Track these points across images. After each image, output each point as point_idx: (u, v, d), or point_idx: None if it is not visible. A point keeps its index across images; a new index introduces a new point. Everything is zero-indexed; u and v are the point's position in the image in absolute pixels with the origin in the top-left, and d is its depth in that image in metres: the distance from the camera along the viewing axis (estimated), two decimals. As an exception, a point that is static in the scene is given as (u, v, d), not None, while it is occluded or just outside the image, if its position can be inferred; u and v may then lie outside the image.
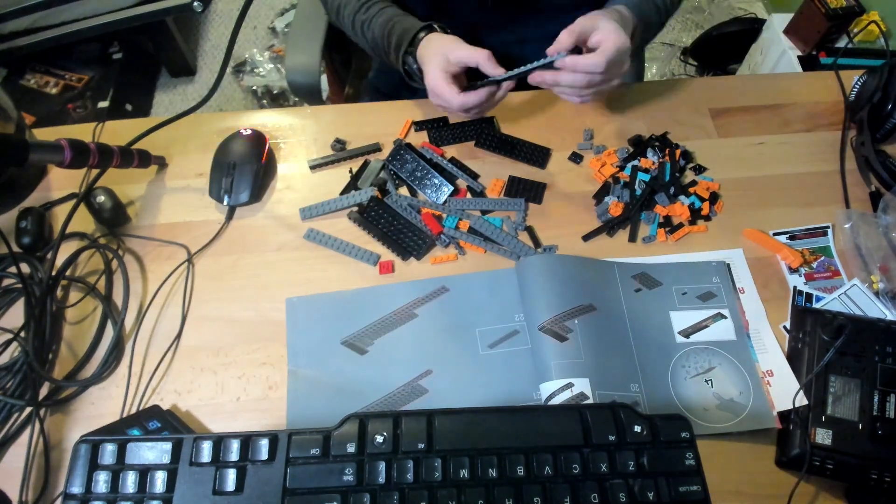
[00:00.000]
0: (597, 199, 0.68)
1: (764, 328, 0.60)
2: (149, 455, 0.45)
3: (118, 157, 0.62)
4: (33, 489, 0.52)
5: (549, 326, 0.57)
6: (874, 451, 0.51)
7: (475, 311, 0.60)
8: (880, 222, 0.64)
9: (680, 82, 0.78)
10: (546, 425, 0.46)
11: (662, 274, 0.62)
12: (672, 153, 0.70)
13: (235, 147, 0.69)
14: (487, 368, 0.57)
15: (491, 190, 0.69)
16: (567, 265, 0.60)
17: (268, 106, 1.87)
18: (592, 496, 0.44)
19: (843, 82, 0.78)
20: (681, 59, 1.94)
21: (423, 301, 0.61)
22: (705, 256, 0.64)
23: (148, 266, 0.64)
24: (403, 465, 0.44)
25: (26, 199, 0.69)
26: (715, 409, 0.55)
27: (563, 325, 0.57)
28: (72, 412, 0.56)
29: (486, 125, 0.74)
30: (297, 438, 0.45)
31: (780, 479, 0.53)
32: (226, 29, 2.04)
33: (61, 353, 0.59)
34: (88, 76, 1.73)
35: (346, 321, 0.60)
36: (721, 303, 0.60)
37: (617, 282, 0.61)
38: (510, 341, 0.58)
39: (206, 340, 0.60)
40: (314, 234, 0.65)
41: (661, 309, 0.60)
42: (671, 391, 0.56)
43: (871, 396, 0.53)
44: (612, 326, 0.58)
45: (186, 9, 1.56)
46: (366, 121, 0.75)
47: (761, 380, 0.56)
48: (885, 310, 0.60)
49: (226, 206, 0.67)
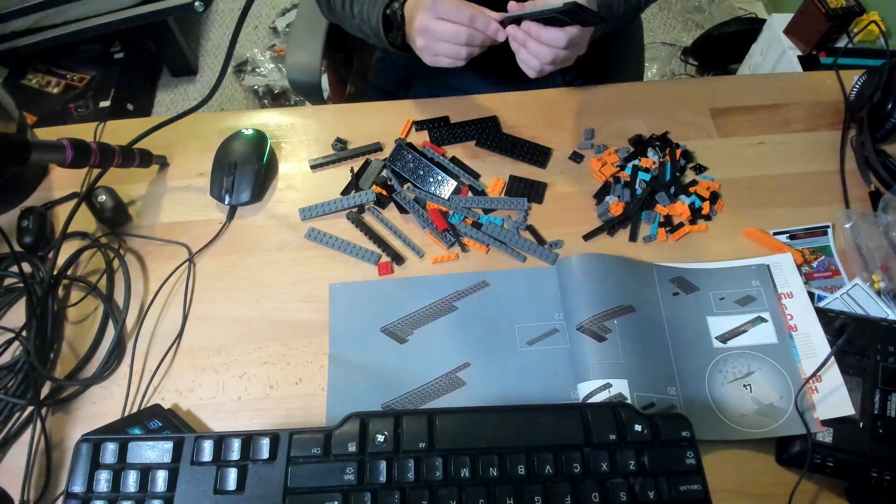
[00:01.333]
0: (597, 199, 0.68)
1: (815, 332, 0.58)
2: (150, 454, 0.45)
3: (119, 157, 0.63)
4: (35, 488, 0.52)
5: (588, 326, 0.57)
6: (875, 449, 0.51)
7: (515, 307, 0.60)
8: (880, 222, 0.64)
9: (680, 82, 0.78)
10: (547, 424, 0.46)
11: (700, 278, 0.61)
12: (672, 153, 0.70)
13: (236, 147, 0.69)
14: (525, 365, 0.57)
15: (491, 189, 0.69)
16: (607, 265, 0.60)
17: (269, 105, 1.87)
18: (593, 495, 0.44)
19: (843, 82, 0.78)
20: (681, 59, 1.94)
21: (464, 294, 0.61)
22: (751, 261, 0.63)
23: (149, 265, 0.64)
24: (404, 464, 0.44)
25: (28, 198, 0.69)
26: (753, 415, 0.54)
27: (603, 325, 0.56)
28: (73, 411, 0.56)
29: (490, 124, 0.74)
30: (298, 438, 0.45)
31: (781, 477, 0.53)
32: (227, 29, 2.05)
33: (63, 352, 0.59)
34: (90, 76, 1.74)
35: (386, 310, 0.60)
36: (762, 306, 0.60)
37: (655, 284, 0.61)
38: (549, 339, 0.59)
39: (208, 340, 0.60)
40: (315, 234, 0.65)
41: (698, 314, 0.59)
42: (707, 395, 0.55)
43: (873, 395, 0.53)
44: (651, 328, 0.58)
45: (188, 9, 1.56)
46: (367, 120, 0.75)
47: (805, 384, 0.55)
48: (887, 309, 0.60)
49: (227, 205, 0.67)
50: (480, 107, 0.75)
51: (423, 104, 0.76)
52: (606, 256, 0.61)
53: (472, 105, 0.75)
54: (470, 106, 0.75)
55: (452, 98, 0.76)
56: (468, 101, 0.76)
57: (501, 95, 0.76)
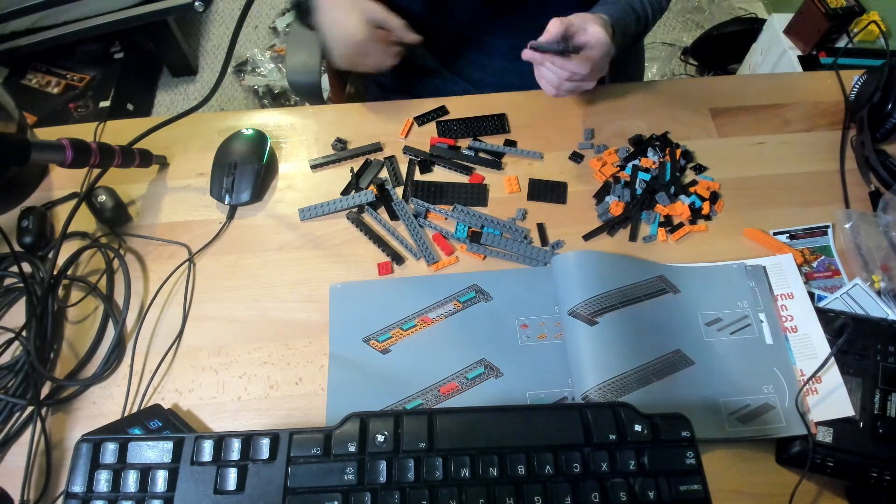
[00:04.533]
0: (597, 199, 0.68)
1: (815, 332, 0.57)
2: (150, 454, 0.45)
3: (119, 157, 0.63)
4: (35, 488, 0.52)
5: (583, 313, 0.57)
6: (875, 449, 0.51)
7: (515, 305, 0.61)
8: (880, 221, 0.64)
9: (680, 82, 0.78)
10: (547, 424, 0.46)
11: (693, 278, 0.62)
12: (672, 153, 0.70)
13: (237, 147, 0.69)
14: (525, 361, 0.58)
15: (506, 188, 0.69)
16: (603, 260, 0.61)
17: (269, 105, 1.88)
18: (593, 495, 0.44)
19: (843, 82, 0.78)
20: (681, 59, 1.94)
21: (464, 294, 0.61)
22: (750, 262, 0.62)
23: (149, 265, 0.64)
24: (404, 464, 0.44)
25: (28, 198, 0.69)
26: (745, 415, 0.54)
27: (593, 311, 0.57)
28: (73, 411, 0.56)
29: (498, 120, 0.74)
30: (298, 438, 0.45)
31: (780, 477, 0.53)
32: (227, 29, 2.05)
33: (63, 352, 0.59)
34: (90, 76, 1.74)
35: (386, 309, 0.60)
36: (757, 306, 0.60)
37: (648, 282, 0.61)
38: (550, 334, 0.59)
39: (208, 340, 0.60)
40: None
41: (690, 312, 0.60)
42: (702, 394, 0.55)
43: (873, 395, 0.53)
44: (642, 327, 0.58)
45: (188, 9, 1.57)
46: (366, 120, 0.75)
47: (800, 385, 0.55)
48: (888, 309, 0.60)
49: (227, 205, 0.67)
50: (481, 106, 0.75)
51: (423, 104, 0.76)
52: (601, 252, 0.62)
53: (472, 105, 0.75)
54: (471, 106, 0.75)
55: (453, 98, 0.76)
56: (469, 101, 0.76)
57: (502, 95, 0.76)
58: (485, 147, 0.71)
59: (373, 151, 0.72)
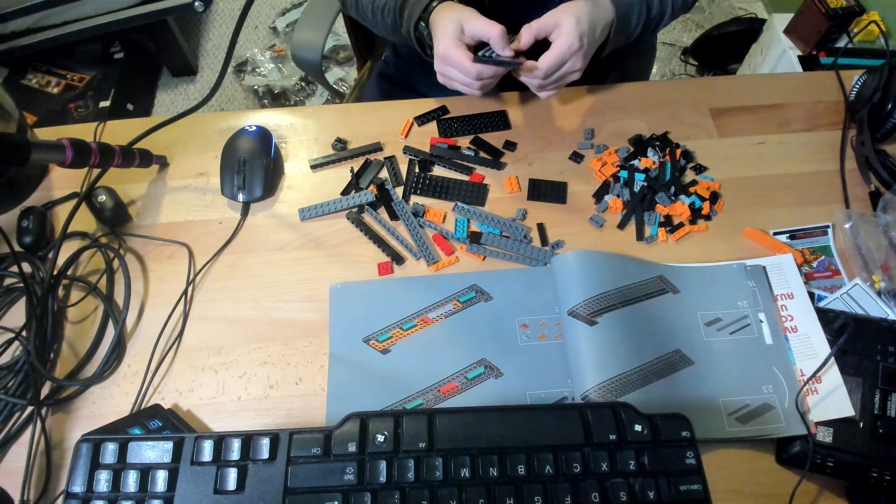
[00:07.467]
0: (597, 199, 0.68)
1: (816, 332, 0.57)
2: (150, 454, 0.45)
3: (119, 157, 0.63)
4: (35, 488, 0.52)
5: (583, 313, 0.57)
6: (875, 449, 0.51)
7: (515, 305, 0.61)
8: (880, 221, 0.64)
9: (680, 82, 0.78)
10: (547, 424, 0.46)
11: (693, 278, 0.61)
12: (672, 153, 0.70)
13: (242, 144, 0.68)
14: (525, 360, 0.58)
15: (506, 188, 0.69)
16: (603, 260, 0.61)
17: (269, 105, 1.88)
18: (593, 495, 0.44)
19: (843, 82, 0.78)
20: (681, 59, 1.94)
21: (465, 293, 0.61)
22: (749, 262, 0.62)
23: (149, 265, 0.64)
24: (404, 464, 0.44)
25: (28, 198, 0.69)
26: (745, 415, 0.54)
27: (595, 319, 0.57)
28: (73, 411, 0.56)
29: (498, 117, 0.74)
30: (298, 438, 0.45)
31: (781, 477, 0.53)
32: (227, 29, 2.05)
33: (63, 352, 0.59)
34: (90, 76, 1.74)
35: (386, 309, 0.60)
36: (756, 306, 0.60)
37: (648, 282, 0.61)
38: (550, 333, 0.59)
39: (208, 340, 0.60)
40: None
41: (690, 312, 0.59)
42: (701, 394, 0.55)
43: (873, 395, 0.53)
44: (642, 327, 0.58)
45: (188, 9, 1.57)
46: (366, 120, 0.75)
47: (800, 385, 0.55)
48: (888, 309, 0.60)
49: (240, 202, 0.67)
50: (481, 106, 0.75)
51: (423, 104, 0.76)
52: (600, 252, 0.62)
53: (472, 104, 0.75)
54: (471, 105, 0.75)
55: (453, 98, 0.76)
56: (469, 101, 0.76)
57: (503, 95, 0.76)
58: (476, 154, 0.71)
59: (373, 151, 0.72)
